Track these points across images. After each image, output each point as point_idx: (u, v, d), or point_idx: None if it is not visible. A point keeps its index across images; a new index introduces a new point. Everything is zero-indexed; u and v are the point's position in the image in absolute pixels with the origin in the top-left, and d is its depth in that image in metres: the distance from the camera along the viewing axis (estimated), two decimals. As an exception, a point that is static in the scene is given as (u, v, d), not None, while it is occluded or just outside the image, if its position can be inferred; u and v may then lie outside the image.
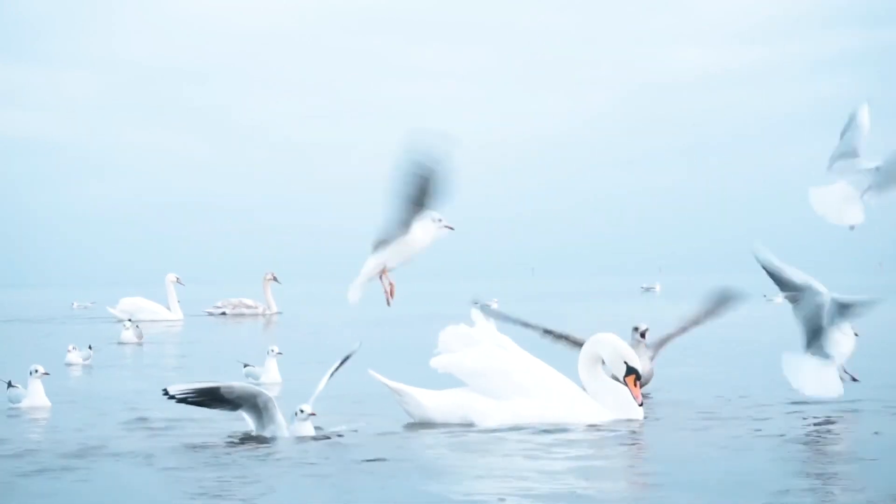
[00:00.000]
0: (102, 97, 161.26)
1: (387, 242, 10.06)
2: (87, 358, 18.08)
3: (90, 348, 18.45)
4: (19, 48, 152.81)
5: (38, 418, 11.85)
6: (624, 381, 10.85)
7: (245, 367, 15.16)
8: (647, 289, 62.23)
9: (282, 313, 35.48)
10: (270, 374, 14.86)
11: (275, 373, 14.96)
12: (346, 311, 39.55)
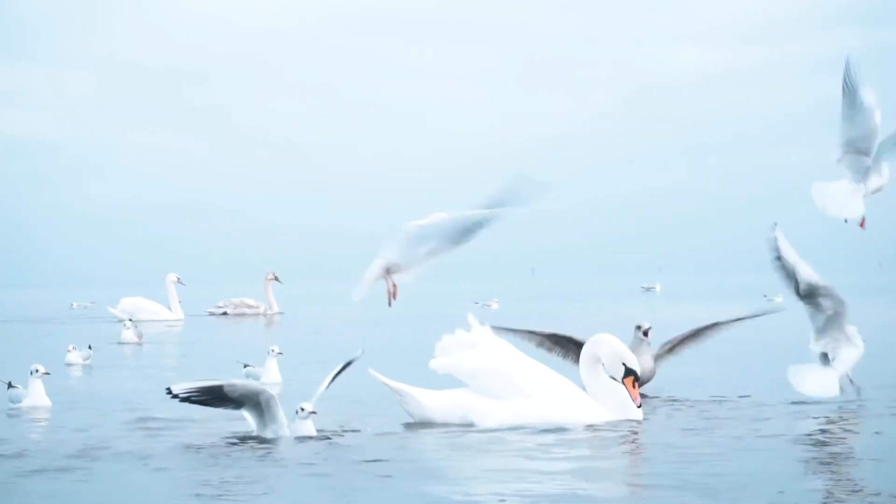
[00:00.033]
0: (102, 97, 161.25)
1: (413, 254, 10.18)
2: (87, 358, 18.09)
3: (90, 348, 18.46)
4: (19, 48, 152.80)
5: (39, 418, 11.84)
6: (622, 382, 10.86)
7: (245, 368, 15.14)
8: (648, 289, 62.24)
9: (283, 313, 35.46)
10: (271, 374, 14.85)
11: (275, 373, 14.95)
12: (347, 311, 39.53)
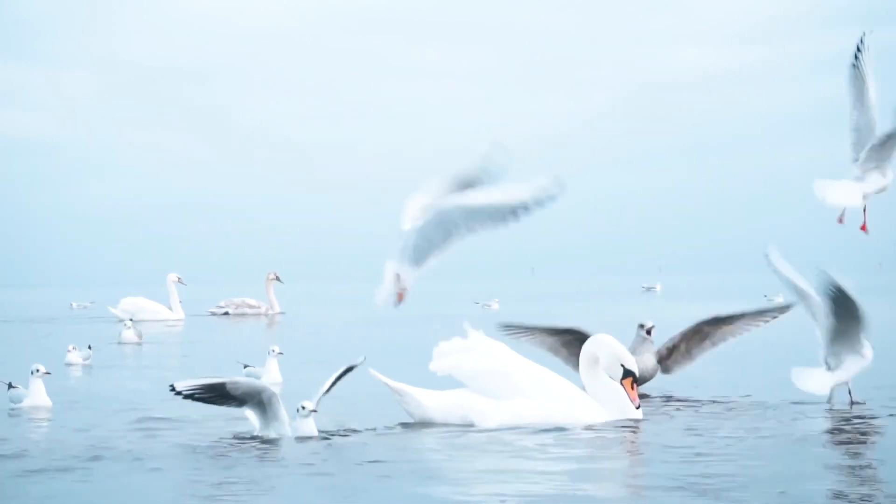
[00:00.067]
0: (102, 97, 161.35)
1: (428, 247, 10.15)
2: (87, 358, 18.08)
3: (90, 348, 18.45)
4: (19, 48, 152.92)
5: (39, 418, 11.84)
6: (621, 384, 10.86)
7: (245, 368, 15.13)
8: (648, 288, 62.25)
9: (284, 313, 35.43)
10: (271, 375, 14.84)
11: (276, 373, 14.94)
12: (347, 311, 39.54)
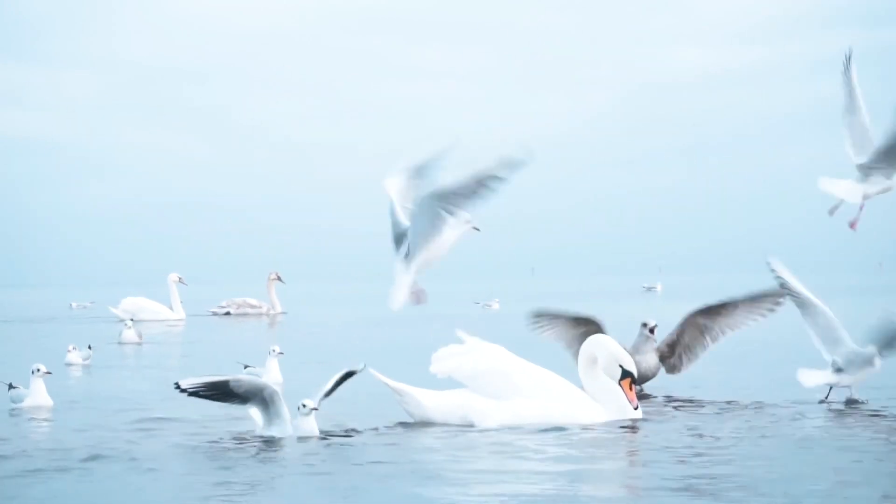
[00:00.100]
0: (102, 97, 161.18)
1: (420, 241, 10.13)
2: (87, 358, 18.09)
3: (90, 348, 18.45)
4: (19, 48, 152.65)
5: (40, 418, 11.84)
6: (619, 384, 10.87)
7: (245, 368, 15.12)
8: (649, 288, 62.22)
9: (286, 313, 35.41)
10: (271, 374, 14.83)
11: (276, 373, 14.94)
12: (347, 311, 39.55)
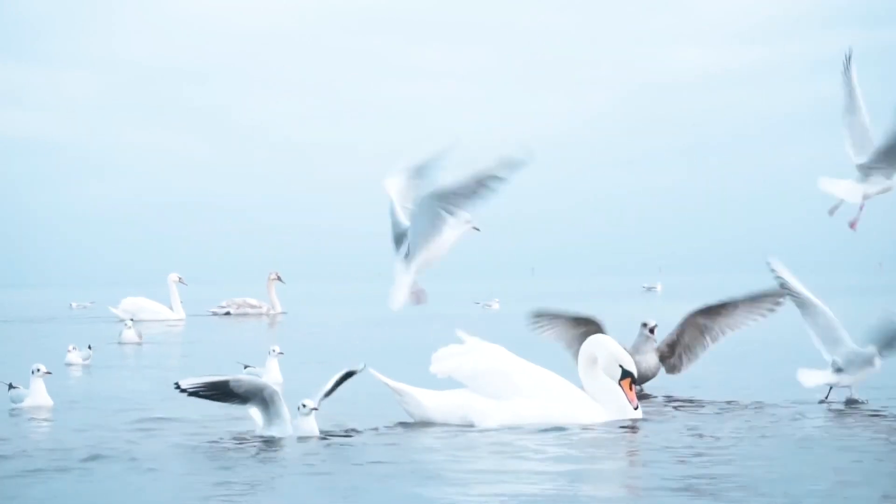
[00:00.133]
0: (102, 97, 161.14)
1: (420, 241, 10.14)
2: (87, 358, 18.08)
3: (90, 348, 18.45)
4: (19, 48, 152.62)
5: (40, 418, 11.84)
6: (619, 384, 10.87)
7: (245, 368, 15.12)
8: (649, 288, 62.20)
9: (286, 313, 35.40)
10: (271, 374, 14.83)
11: (276, 373, 14.93)
12: (347, 311, 39.55)
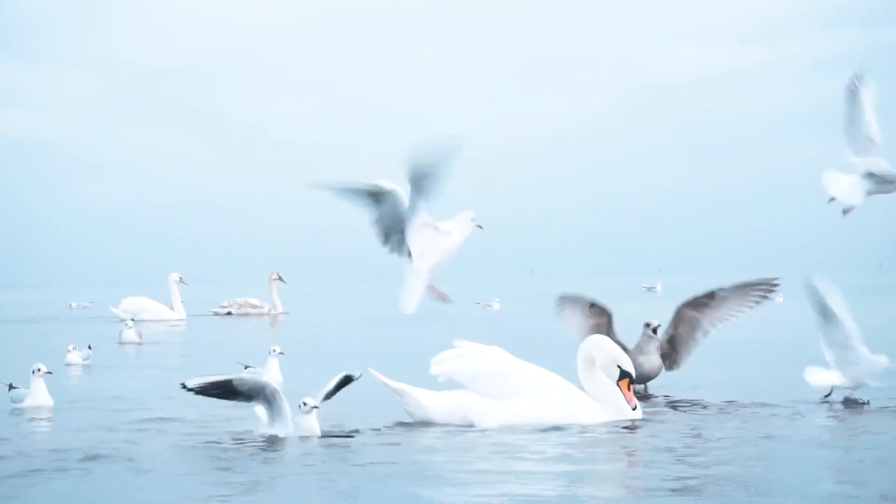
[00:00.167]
0: (102, 97, 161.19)
1: (426, 243, 10.19)
2: (87, 358, 18.08)
3: (90, 348, 18.46)
4: (19, 48, 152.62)
5: (40, 418, 11.84)
6: (617, 385, 10.87)
7: (246, 368, 15.13)
8: (649, 288, 62.19)
9: (288, 313, 35.40)
10: (272, 374, 14.83)
11: (276, 373, 14.94)
12: (347, 311, 39.56)
